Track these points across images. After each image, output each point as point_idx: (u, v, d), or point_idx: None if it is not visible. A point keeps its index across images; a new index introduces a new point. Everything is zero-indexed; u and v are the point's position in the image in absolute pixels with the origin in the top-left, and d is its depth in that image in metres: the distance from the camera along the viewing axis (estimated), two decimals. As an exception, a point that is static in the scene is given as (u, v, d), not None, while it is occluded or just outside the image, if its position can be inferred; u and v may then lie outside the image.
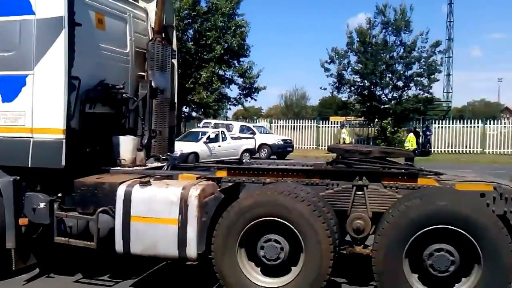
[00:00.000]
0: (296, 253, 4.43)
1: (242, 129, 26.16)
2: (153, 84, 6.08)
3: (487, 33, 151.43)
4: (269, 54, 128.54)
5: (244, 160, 17.89)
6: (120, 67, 6.04)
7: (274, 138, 25.83)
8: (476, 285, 4.10)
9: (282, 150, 25.23)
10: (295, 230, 4.32)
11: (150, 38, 6.39)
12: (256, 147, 24.34)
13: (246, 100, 32.92)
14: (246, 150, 20.97)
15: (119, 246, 4.71)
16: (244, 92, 31.71)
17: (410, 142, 19.30)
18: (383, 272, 4.21)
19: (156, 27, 6.31)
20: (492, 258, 4.02)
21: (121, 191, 4.72)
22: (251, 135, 23.77)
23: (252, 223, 4.42)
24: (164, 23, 6.37)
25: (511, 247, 4.02)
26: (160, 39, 6.28)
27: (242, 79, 30.95)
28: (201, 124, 27.20)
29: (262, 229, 4.49)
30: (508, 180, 5.75)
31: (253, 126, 27.90)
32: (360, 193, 4.76)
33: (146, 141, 5.96)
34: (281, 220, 4.36)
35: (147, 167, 5.83)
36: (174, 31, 6.92)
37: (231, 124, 27.56)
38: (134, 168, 5.64)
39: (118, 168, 5.59)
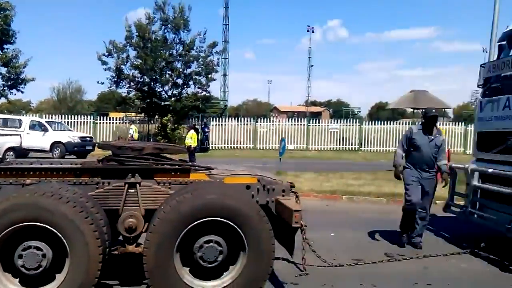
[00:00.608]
0: (62, 259, 4.06)
1: (33, 125, 22.97)
2: None
3: (259, 38, 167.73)
4: (40, 43, 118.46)
5: (7, 160, 15.93)
6: None
7: (69, 136, 22.95)
8: (242, 271, 4.36)
9: (79, 149, 22.55)
10: (58, 234, 3.96)
11: None
12: (48, 145, 22.01)
13: (11, 93, 29.29)
14: (10, 149, 18.62)
15: None
16: (9, 83, 28.14)
17: (192, 139, 19.89)
18: (154, 269, 4.16)
19: None
20: (255, 245, 4.32)
21: None
22: (17, 132, 20.94)
23: (7, 230, 3.90)
24: None
25: (271, 234, 4.40)
26: None
27: (6, 69, 27.49)
28: None
29: (21, 236, 4.00)
30: (273, 173, 6.35)
31: (46, 121, 24.25)
32: (133, 190, 4.63)
33: None
34: (43, 225, 3.95)
35: None
36: None
37: (20, 119, 23.98)
38: None
39: None
